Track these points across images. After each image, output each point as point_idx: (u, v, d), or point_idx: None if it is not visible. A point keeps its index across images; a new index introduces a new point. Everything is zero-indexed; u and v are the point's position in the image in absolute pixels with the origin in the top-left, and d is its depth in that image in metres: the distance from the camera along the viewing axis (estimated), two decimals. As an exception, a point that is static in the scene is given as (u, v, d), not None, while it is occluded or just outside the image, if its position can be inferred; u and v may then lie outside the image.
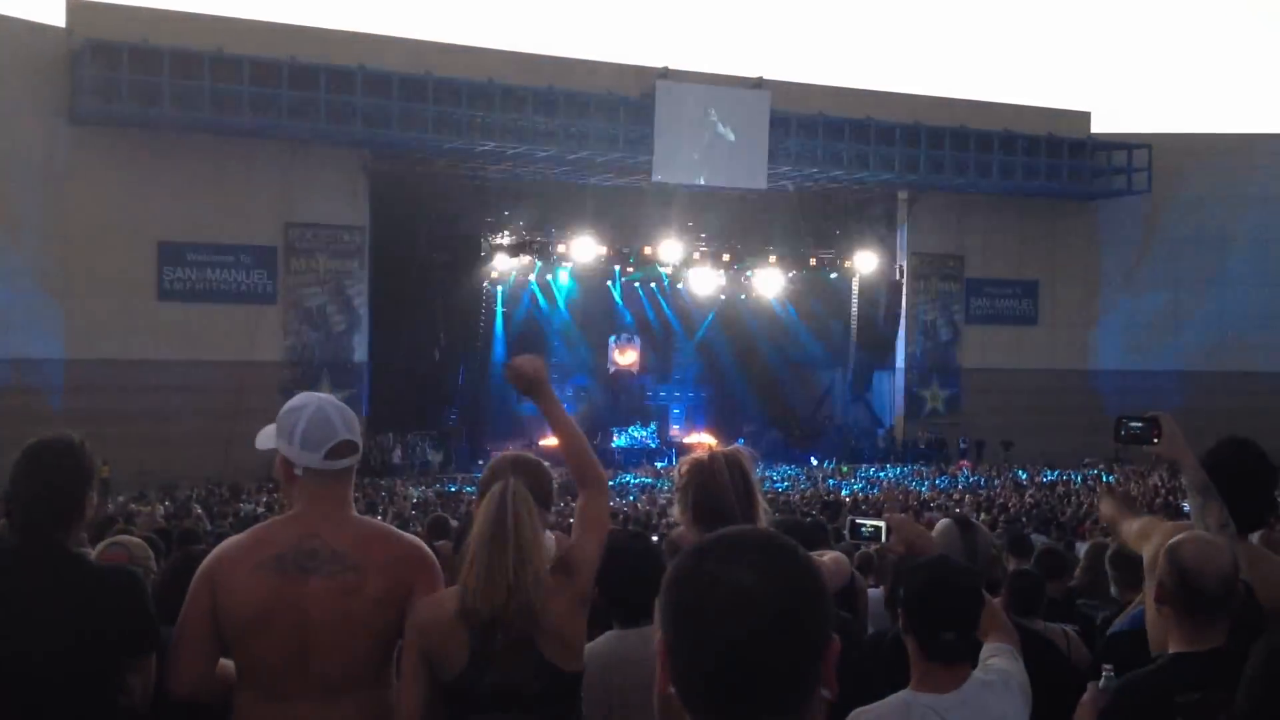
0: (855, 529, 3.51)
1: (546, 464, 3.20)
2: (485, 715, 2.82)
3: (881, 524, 3.39)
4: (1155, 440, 3.57)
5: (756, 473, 3.05)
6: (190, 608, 2.95)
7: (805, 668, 1.42)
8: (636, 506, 18.76)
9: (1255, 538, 7.09)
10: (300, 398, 3.06)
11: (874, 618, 5.86)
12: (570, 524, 3.32)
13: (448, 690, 2.84)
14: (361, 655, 2.89)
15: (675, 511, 3.02)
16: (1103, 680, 3.00)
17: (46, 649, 2.84)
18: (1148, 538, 3.39)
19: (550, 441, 4.31)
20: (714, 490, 2.94)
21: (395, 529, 3.17)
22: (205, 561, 3.04)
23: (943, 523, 3.81)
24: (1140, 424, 3.62)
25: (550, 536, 3.09)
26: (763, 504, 3.00)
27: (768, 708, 1.41)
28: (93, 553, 4.36)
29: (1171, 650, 2.81)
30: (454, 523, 8.45)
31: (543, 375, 3.07)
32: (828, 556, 3.25)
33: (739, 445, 3.20)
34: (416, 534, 7.81)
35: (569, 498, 9.56)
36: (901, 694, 2.82)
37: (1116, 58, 79.88)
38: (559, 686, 2.84)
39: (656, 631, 1.51)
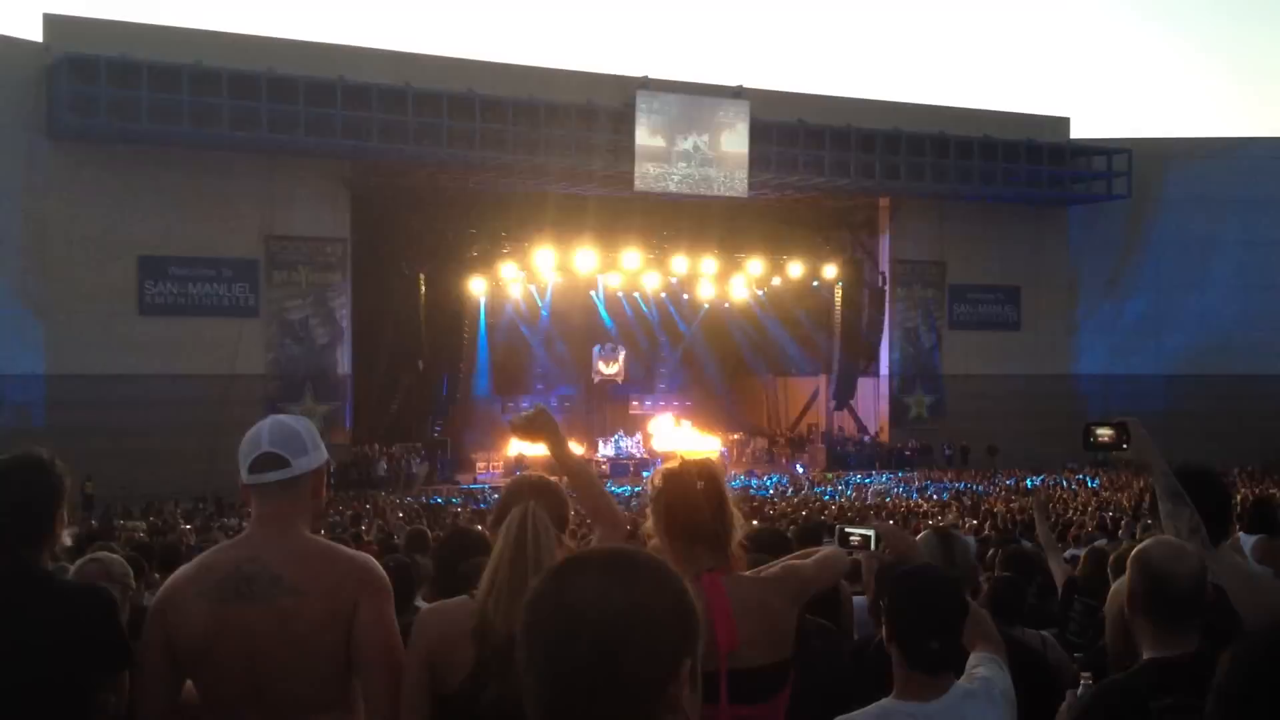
0: (844, 538, 3.50)
1: (564, 489, 3.20)
2: None
3: (870, 533, 3.38)
4: (1124, 446, 3.56)
5: (730, 482, 3.04)
6: (146, 640, 2.91)
7: (620, 700, 1.37)
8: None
9: (1252, 543, 7.09)
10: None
11: (859, 625, 5.86)
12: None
13: (445, 704, 2.83)
14: (314, 678, 2.84)
15: (649, 524, 3.00)
16: (1080, 689, 3.00)
17: (16, 668, 2.81)
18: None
19: (537, 453, 4.30)
20: (686, 501, 2.92)
21: (340, 547, 3.08)
22: (159, 592, 3.01)
23: (923, 534, 3.81)
24: (1108, 430, 3.60)
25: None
26: (737, 514, 2.99)
27: None
28: (71, 569, 4.33)
29: (1145, 656, 2.81)
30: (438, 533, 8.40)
31: (538, 423, 3.13)
32: (821, 553, 3.23)
33: (710, 455, 3.20)
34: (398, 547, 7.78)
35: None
36: (882, 702, 2.81)
37: (1095, 63, 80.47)
38: None
39: None
